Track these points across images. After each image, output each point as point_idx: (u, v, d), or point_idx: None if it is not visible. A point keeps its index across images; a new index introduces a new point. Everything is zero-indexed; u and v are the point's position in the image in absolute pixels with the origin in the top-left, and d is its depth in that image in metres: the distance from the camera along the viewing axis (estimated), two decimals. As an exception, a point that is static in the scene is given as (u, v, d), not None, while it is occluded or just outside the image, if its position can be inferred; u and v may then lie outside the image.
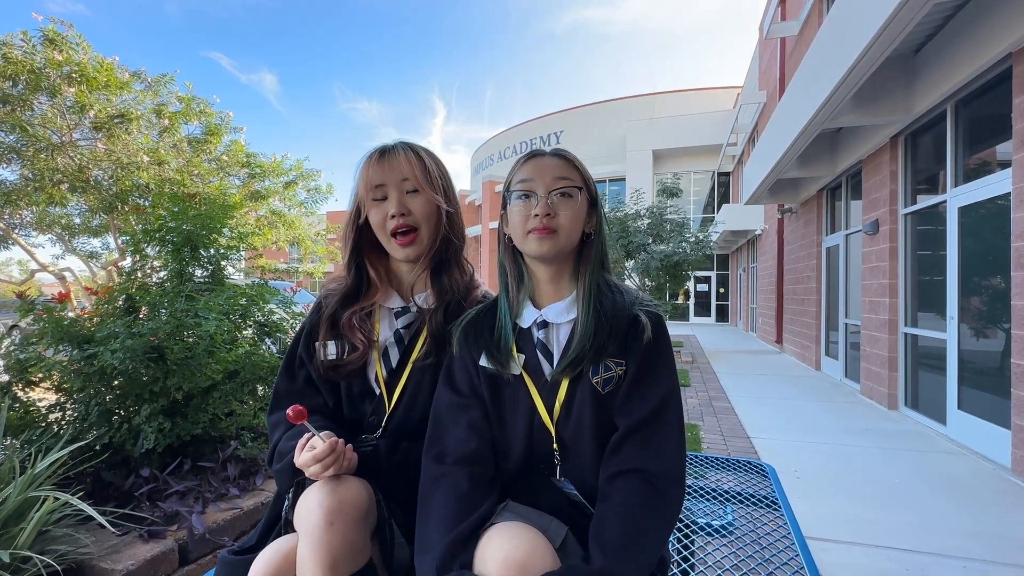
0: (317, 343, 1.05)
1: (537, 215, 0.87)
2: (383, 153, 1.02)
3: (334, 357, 1.02)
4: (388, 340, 1.05)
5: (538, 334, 0.92)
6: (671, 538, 1.27)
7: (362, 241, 1.08)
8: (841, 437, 3.86)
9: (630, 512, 0.77)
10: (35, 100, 5.35)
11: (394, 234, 1.02)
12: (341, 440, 0.86)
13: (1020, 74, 3.03)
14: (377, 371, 1.03)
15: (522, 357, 0.91)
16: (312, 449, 0.84)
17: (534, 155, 0.92)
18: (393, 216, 1.00)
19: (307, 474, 0.83)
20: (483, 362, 0.92)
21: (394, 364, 1.03)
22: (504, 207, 0.95)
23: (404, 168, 1.01)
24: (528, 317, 0.94)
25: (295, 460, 0.85)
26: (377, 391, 1.03)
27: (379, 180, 1.00)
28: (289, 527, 0.91)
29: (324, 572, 0.76)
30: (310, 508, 0.80)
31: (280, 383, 1.08)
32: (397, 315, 1.07)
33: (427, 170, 1.03)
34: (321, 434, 0.86)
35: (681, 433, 0.85)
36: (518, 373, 0.91)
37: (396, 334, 1.05)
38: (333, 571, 0.77)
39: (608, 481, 0.82)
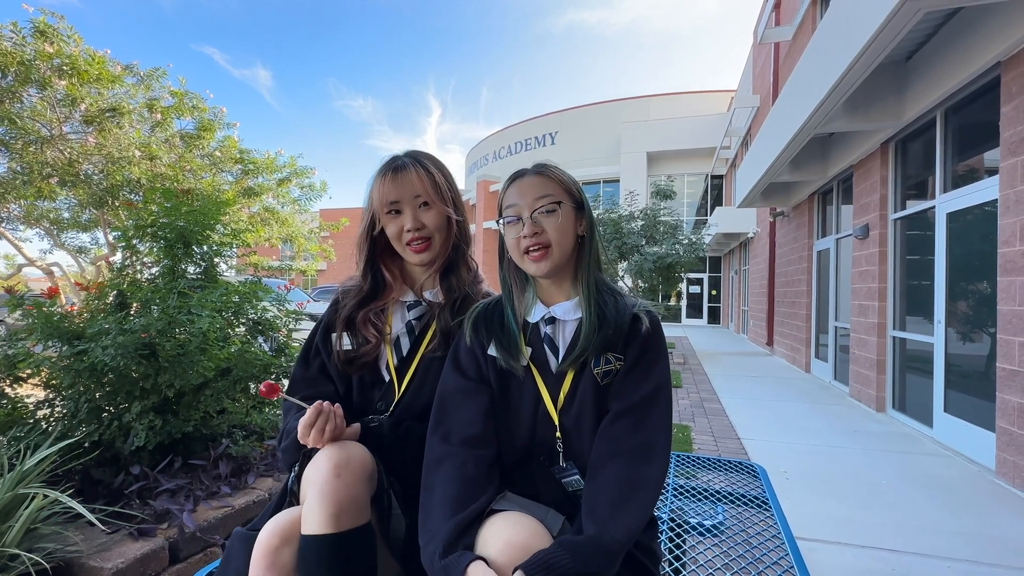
0: (333, 335, 1.12)
1: (526, 235, 0.93)
2: (396, 171, 1.08)
3: (349, 348, 1.10)
4: (400, 330, 1.13)
5: (545, 329, 0.97)
6: (663, 537, 1.29)
7: (376, 249, 1.15)
8: (830, 438, 3.91)
9: (617, 486, 0.82)
10: (24, 92, 5.28)
11: (409, 243, 1.09)
12: (325, 402, 0.92)
13: (1008, 83, 3.09)
14: (388, 359, 1.10)
15: (529, 350, 0.97)
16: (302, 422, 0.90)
17: (516, 177, 1.00)
18: (409, 230, 1.07)
19: (309, 444, 0.89)
20: (492, 351, 0.97)
21: (405, 352, 1.11)
22: (502, 229, 1.01)
23: (416, 185, 1.07)
24: (536, 313, 0.99)
25: (298, 437, 0.91)
26: (387, 378, 1.09)
27: (393, 197, 1.07)
28: (294, 500, 0.95)
29: (328, 519, 0.80)
30: (319, 463, 0.86)
31: (296, 370, 1.15)
32: (409, 308, 1.14)
33: (437, 184, 1.10)
34: (305, 404, 0.92)
35: (668, 422, 0.91)
36: (525, 364, 0.96)
37: (408, 325, 1.13)
38: (336, 520, 0.81)
39: (598, 460, 0.87)
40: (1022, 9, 2.86)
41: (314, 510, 0.81)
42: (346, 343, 1.10)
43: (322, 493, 0.81)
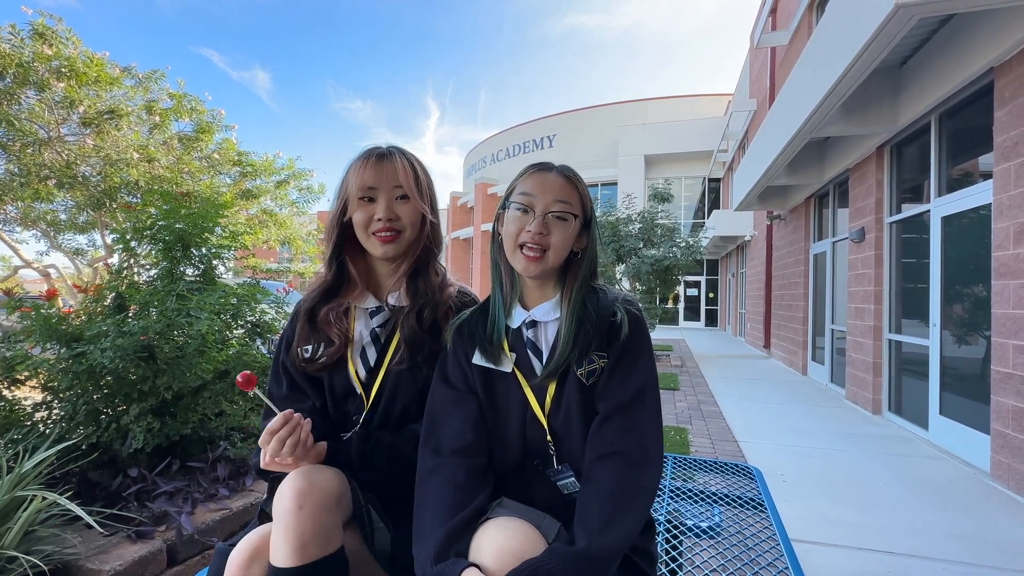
0: (296, 347, 1.07)
1: (530, 231, 0.90)
2: (380, 157, 1.04)
3: (309, 356, 1.05)
4: (365, 340, 1.07)
5: (527, 333, 0.96)
6: (659, 538, 1.30)
7: (345, 239, 1.09)
8: (826, 441, 3.92)
9: (610, 493, 0.81)
10: (23, 94, 5.28)
11: (376, 232, 1.03)
12: (298, 414, 0.89)
13: (1001, 88, 3.12)
14: (355, 371, 1.06)
15: (514, 355, 0.95)
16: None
17: (540, 168, 0.96)
18: (380, 220, 1.02)
19: (268, 453, 0.85)
20: (476, 359, 0.96)
21: (372, 363, 1.06)
22: (503, 208, 0.98)
23: (399, 175, 1.03)
24: (518, 318, 0.98)
25: (259, 442, 0.88)
26: (358, 391, 1.05)
27: (373, 183, 1.02)
28: (265, 518, 0.94)
29: (292, 552, 0.78)
30: (282, 493, 0.83)
31: (271, 387, 1.11)
32: (372, 314, 1.09)
33: (418, 179, 1.06)
34: (279, 411, 0.89)
35: (658, 417, 0.90)
36: (510, 370, 0.95)
37: (372, 333, 1.07)
38: (301, 552, 0.79)
39: (591, 464, 0.86)
40: (1014, 15, 2.89)
41: (279, 542, 0.79)
42: (307, 351, 1.05)
43: (286, 525, 0.79)
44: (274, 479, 0.92)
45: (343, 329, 1.05)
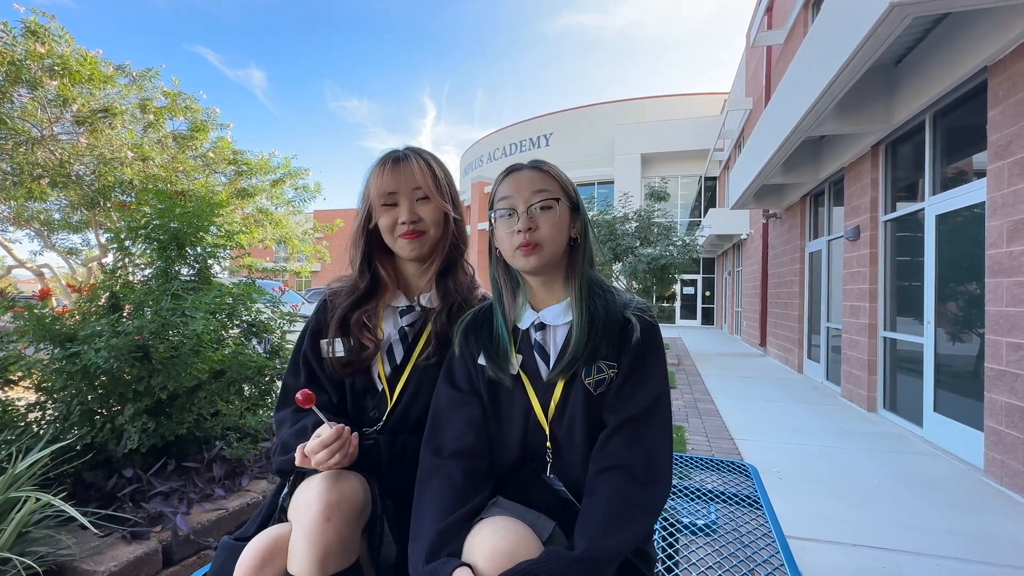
0: (324, 341, 1.08)
1: (519, 230, 0.89)
2: (396, 161, 1.05)
3: (343, 355, 1.05)
4: (392, 337, 1.08)
5: (535, 336, 0.95)
6: (656, 537, 1.30)
7: (371, 245, 1.11)
8: (822, 438, 3.94)
9: (614, 504, 0.80)
10: (15, 92, 5.23)
11: (401, 235, 1.05)
12: (348, 428, 0.89)
13: (995, 87, 3.13)
14: (380, 368, 1.06)
15: (520, 358, 0.94)
16: (319, 436, 0.87)
17: (512, 171, 0.96)
18: (404, 223, 1.03)
19: (313, 462, 0.85)
20: (482, 361, 0.95)
21: (399, 361, 1.07)
22: (491, 223, 0.98)
23: (416, 176, 1.04)
24: (526, 319, 0.96)
25: (305, 448, 0.87)
26: (380, 387, 1.06)
27: (392, 188, 1.04)
28: (283, 515, 0.93)
29: (315, 565, 0.78)
30: (309, 500, 0.82)
31: (287, 379, 1.11)
32: (402, 313, 1.10)
33: (437, 178, 1.07)
34: (329, 422, 0.89)
35: (668, 433, 0.88)
36: (515, 373, 0.93)
37: (400, 331, 1.08)
38: (323, 565, 0.78)
39: (595, 475, 0.85)
40: (1008, 14, 2.91)
41: (300, 551, 0.79)
42: (339, 349, 1.05)
43: (309, 536, 0.79)
44: (297, 475, 0.92)
45: (375, 332, 1.07)
